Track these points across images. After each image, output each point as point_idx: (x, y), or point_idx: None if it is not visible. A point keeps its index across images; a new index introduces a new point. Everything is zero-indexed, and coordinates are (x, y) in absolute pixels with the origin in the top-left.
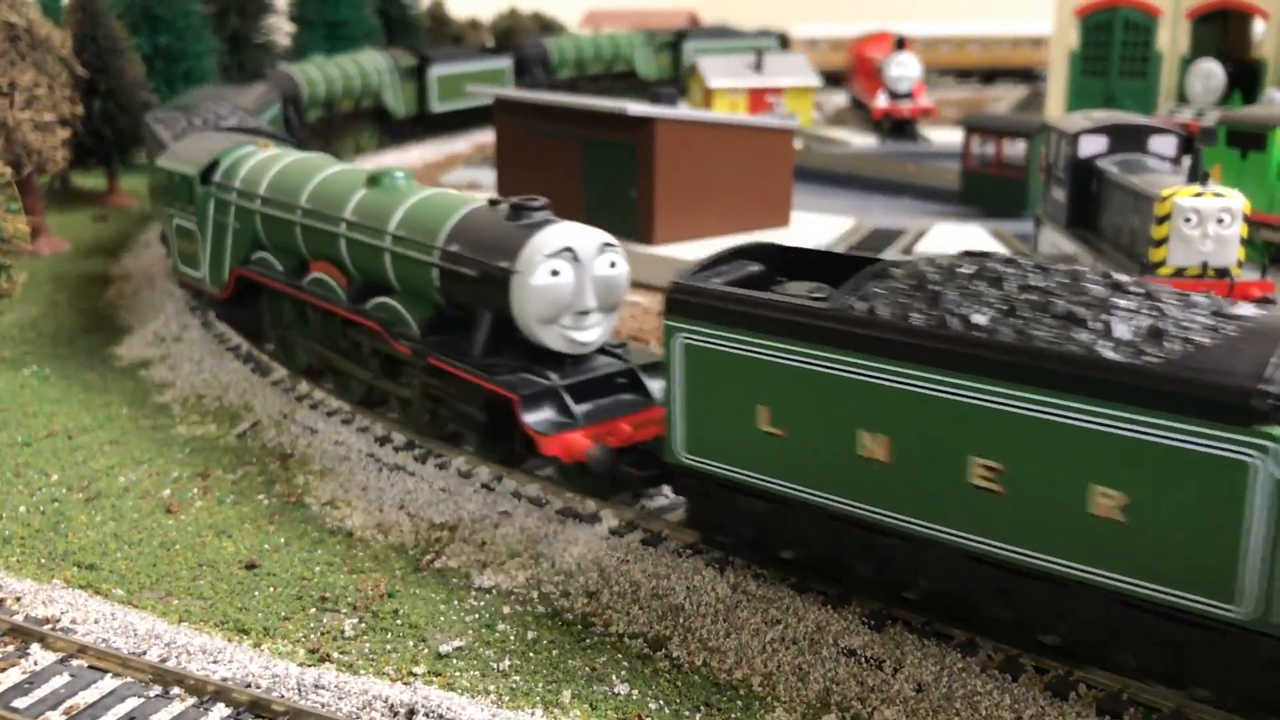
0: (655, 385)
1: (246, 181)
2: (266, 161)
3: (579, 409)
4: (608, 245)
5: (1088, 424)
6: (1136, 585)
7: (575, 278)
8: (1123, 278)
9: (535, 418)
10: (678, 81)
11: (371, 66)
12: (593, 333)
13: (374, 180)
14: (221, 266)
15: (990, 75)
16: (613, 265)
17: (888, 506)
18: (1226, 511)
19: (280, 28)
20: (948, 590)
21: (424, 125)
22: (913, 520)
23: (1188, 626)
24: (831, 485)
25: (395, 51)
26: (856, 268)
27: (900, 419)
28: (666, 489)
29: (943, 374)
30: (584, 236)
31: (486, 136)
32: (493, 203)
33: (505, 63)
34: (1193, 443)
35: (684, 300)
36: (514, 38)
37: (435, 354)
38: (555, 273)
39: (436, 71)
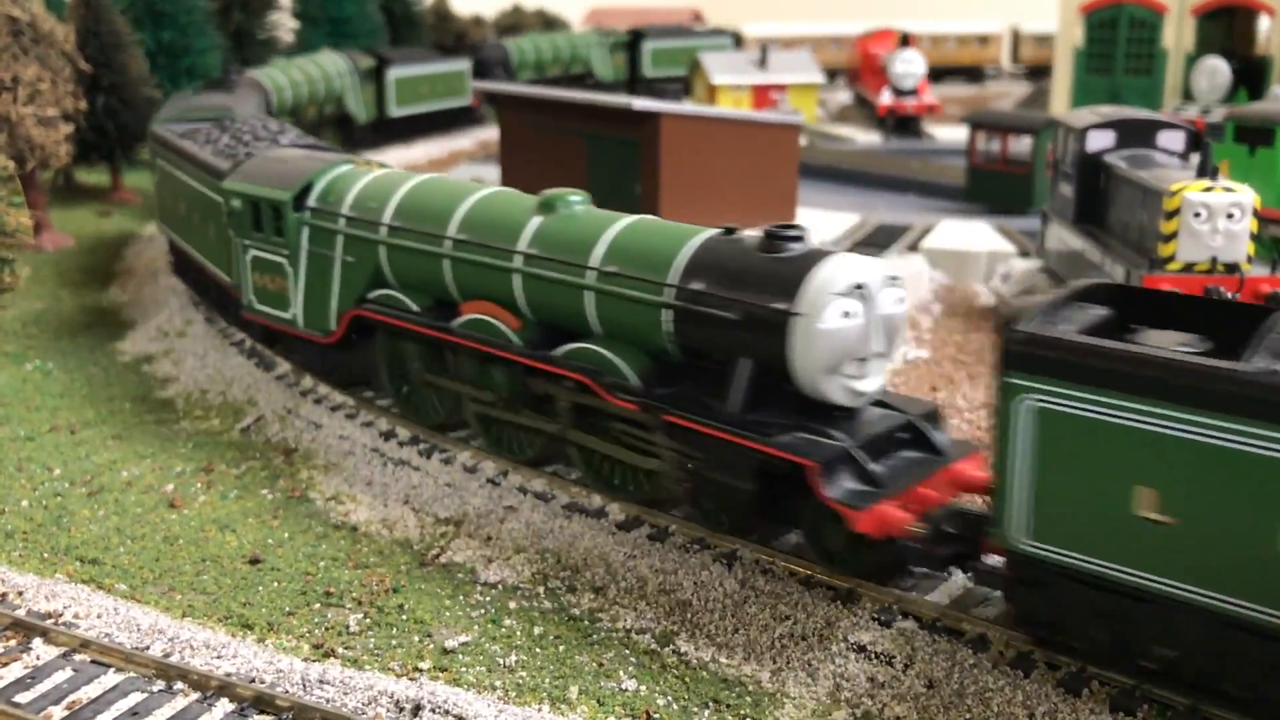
0: (939, 438)
1: (359, 207)
2: (382, 183)
3: (879, 473)
4: (893, 278)
5: None
6: None
7: (865, 318)
8: None
9: (838, 488)
10: (636, 82)
11: (333, 69)
12: (874, 381)
13: (548, 205)
14: (324, 307)
15: (937, 74)
16: (899, 301)
17: None
18: None
19: (283, 24)
20: None
21: (382, 131)
22: None
23: None
24: (1237, 586)
25: (353, 53)
26: (1224, 313)
27: None
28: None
29: None
30: (870, 269)
31: (490, 133)
32: (728, 230)
33: (464, 64)
34: None
35: (1034, 354)
36: (512, 35)
37: (675, 411)
38: (847, 314)
39: (395, 74)
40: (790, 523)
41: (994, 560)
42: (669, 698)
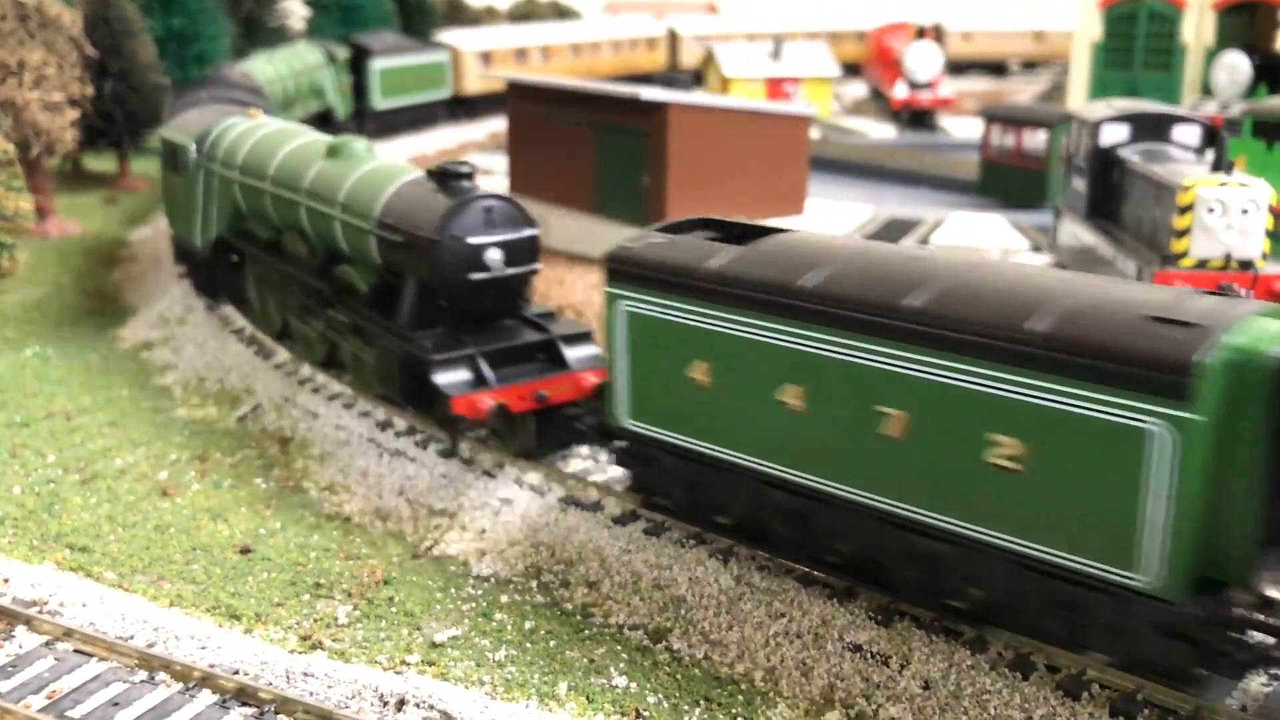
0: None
1: None
2: None
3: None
4: None
5: None
6: None
7: None
8: None
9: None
10: (363, 116)
11: None
12: None
13: None
14: None
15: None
16: None
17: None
18: None
19: (294, 11)
20: None
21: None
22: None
23: None
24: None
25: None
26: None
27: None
28: None
29: None
30: None
31: (498, 123)
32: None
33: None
34: None
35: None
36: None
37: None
38: None
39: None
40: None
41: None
42: (659, 695)
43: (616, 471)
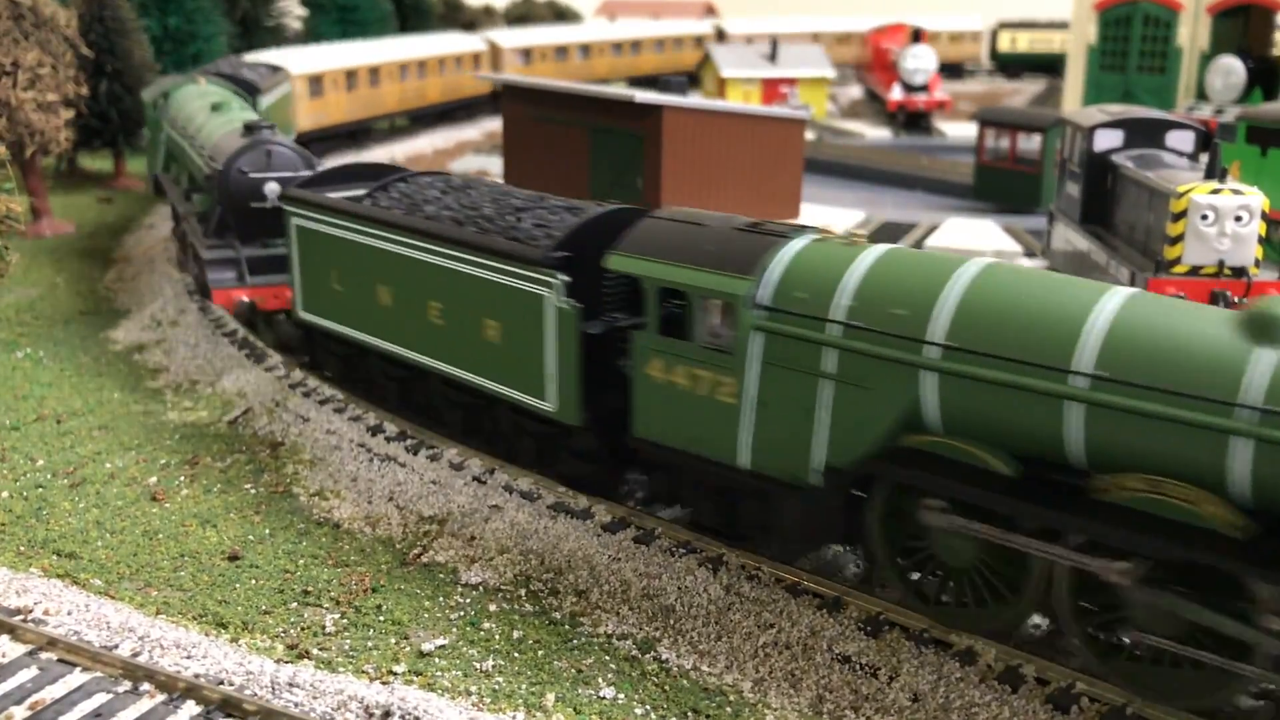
0: None
1: None
2: None
3: None
4: None
5: None
6: None
7: None
8: None
9: None
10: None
11: None
12: None
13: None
14: None
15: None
16: None
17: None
18: None
19: (291, 11)
20: None
21: None
22: None
23: None
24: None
25: None
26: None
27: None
28: None
29: None
30: None
31: (497, 123)
32: None
33: None
34: None
35: None
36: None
37: None
38: None
39: None
40: None
41: None
42: (647, 706)
43: None
